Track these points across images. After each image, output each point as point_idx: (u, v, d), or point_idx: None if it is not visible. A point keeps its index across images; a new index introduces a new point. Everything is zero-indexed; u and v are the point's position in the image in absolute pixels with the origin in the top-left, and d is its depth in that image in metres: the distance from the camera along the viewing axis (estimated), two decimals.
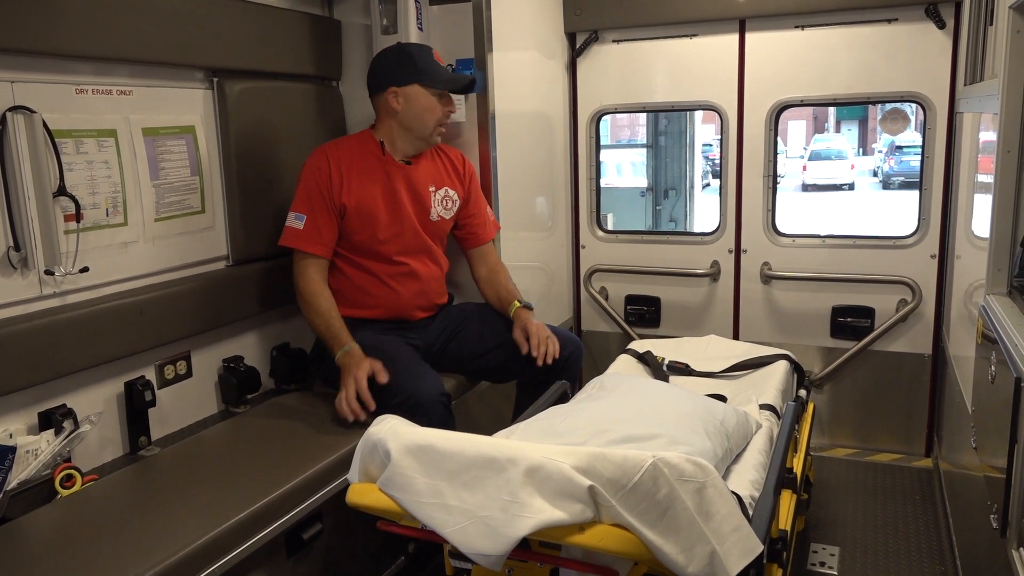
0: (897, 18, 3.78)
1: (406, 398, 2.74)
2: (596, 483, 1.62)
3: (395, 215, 3.09)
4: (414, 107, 3.04)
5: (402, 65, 3.04)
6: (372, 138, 3.15)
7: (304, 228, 2.99)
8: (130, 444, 2.77)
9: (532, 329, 3.10)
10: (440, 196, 3.21)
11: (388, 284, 3.13)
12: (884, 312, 4.02)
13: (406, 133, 3.10)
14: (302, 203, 3.01)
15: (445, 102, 3.09)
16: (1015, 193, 2.39)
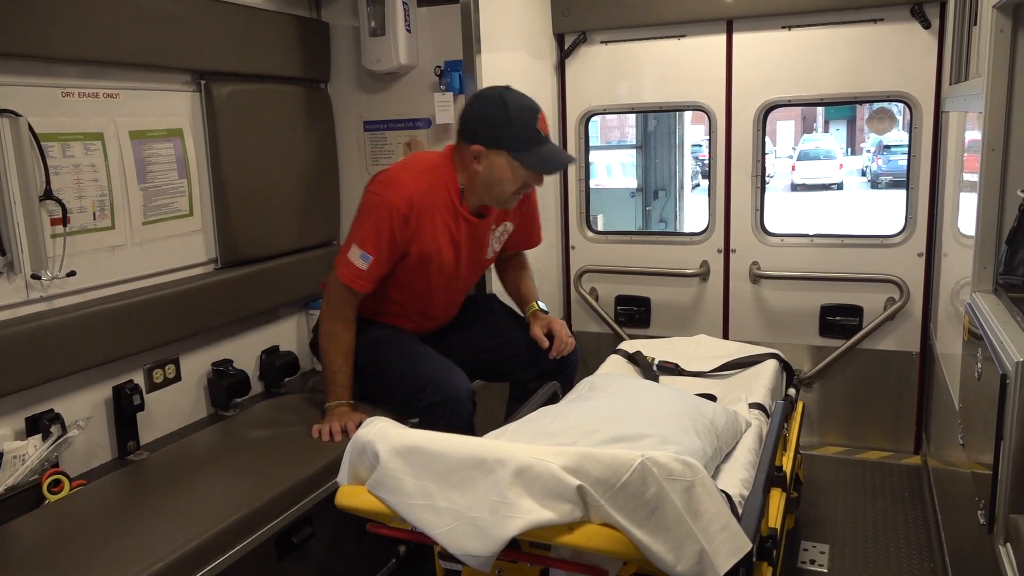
0: (883, 18, 3.80)
1: (438, 396, 2.73)
2: (585, 483, 1.63)
3: (453, 264, 2.90)
4: (496, 173, 2.73)
5: (497, 126, 2.69)
6: (454, 180, 2.80)
7: (368, 269, 2.74)
8: (118, 449, 2.76)
9: (556, 328, 3.08)
10: (499, 232, 3.04)
11: (424, 309, 3.02)
12: (872, 310, 4.04)
13: (483, 190, 2.80)
14: (370, 241, 2.72)
15: (532, 178, 2.78)
16: (999, 191, 2.40)
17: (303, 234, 3.60)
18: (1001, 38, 2.32)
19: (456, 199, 2.81)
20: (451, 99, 3.48)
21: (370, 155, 3.77)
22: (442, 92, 3.50)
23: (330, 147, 3.76)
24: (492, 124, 2.69)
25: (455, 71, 3.49)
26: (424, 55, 3.58)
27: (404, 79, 3.64)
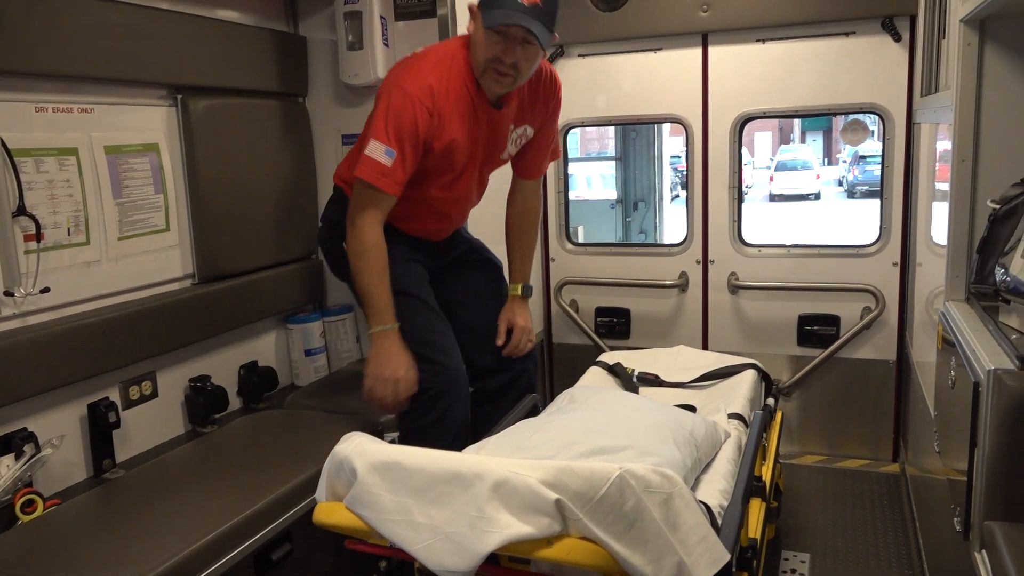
0: (855, 31, 3.85)
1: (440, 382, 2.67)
2: (563, 496, 1.63)
3: (469, 160, 2.71)
4: (475, 38, 2.55)
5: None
6: (470, 68, 2.60)
7: (392, 166, 2.48)
8: (94, 467, 2.72)
9: (519, 325, 2.96)
10: (517, 135, 2.84)
11: (432, 211, 2.79)
12: (849, 320, 4.08)
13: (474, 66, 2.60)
14: (393, 135, 2.48)
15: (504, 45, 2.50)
16: (970, 202, 2.44)
17: (281, 248, 3.58)
18: (969, 51, 2.36)
19: (473, 88, 2.62)
20: None
21: None
22: None
23: (308, 160, 3.75)
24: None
25: None
26: None
27: None
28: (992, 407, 1.77)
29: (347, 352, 3.84)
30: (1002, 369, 1.77)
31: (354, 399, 3.36)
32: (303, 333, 3.70)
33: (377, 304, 2.58)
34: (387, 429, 3.04)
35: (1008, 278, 2.03)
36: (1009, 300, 2.07)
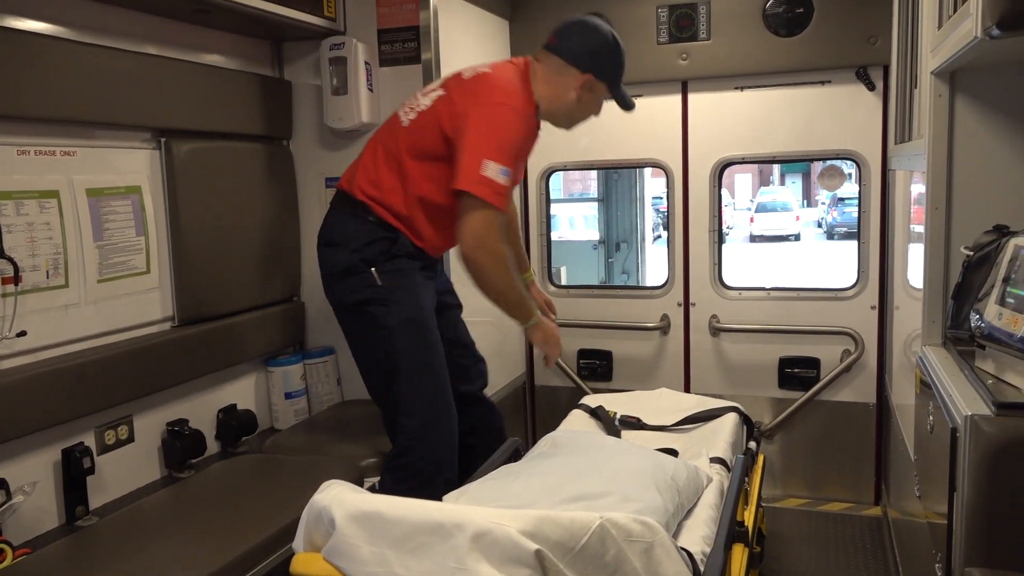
0: (830, 80, 3.95)
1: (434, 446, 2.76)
2: (543, 547, 1.61)
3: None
4: (592, 103, 2.84)
5: (615, 65, 2.83)
6: (532, 95, 2.77)
7: (507, 185, 2.57)
8: (66, 514, 2.66)
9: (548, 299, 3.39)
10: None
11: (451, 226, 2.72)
12: (829, 362, 4.11)
13: (562, 112, 2.83)
14: (507, 154, 2.56)
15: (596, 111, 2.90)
16: (945, 248, 2.48)
17: (264, 290, 3.57)
18: (940, 102, 2.42)
19: (535, 112, 2.78)
20: None
21: None
22: None
23: (291, 203, 3.76)
24: (611, 60, 2.81)
25: None
26: (386, 113, 3.60)
27: (366, 136, 3.65)
28: (970, 452, 1.78)
29: (328, 395, 3.80)
30: (979, 415, 1.78)
31: (335, 442, 3.34)
32: (283, 376, 3.67)
33: (524, 303, 2.78)
34: (367, 475, 3.01)
35: (983, 324, 2.06)
36: (984, 345, 2.09)
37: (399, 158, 2.74)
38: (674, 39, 4.08)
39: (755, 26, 3.94)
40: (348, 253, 2.76)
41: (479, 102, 2.63)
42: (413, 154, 2.73)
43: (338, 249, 2.79)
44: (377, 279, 2.73)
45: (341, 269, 2.78)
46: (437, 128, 2.68)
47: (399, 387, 2.77)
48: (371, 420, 3.54)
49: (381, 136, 2.89)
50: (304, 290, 3.85)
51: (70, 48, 2.68)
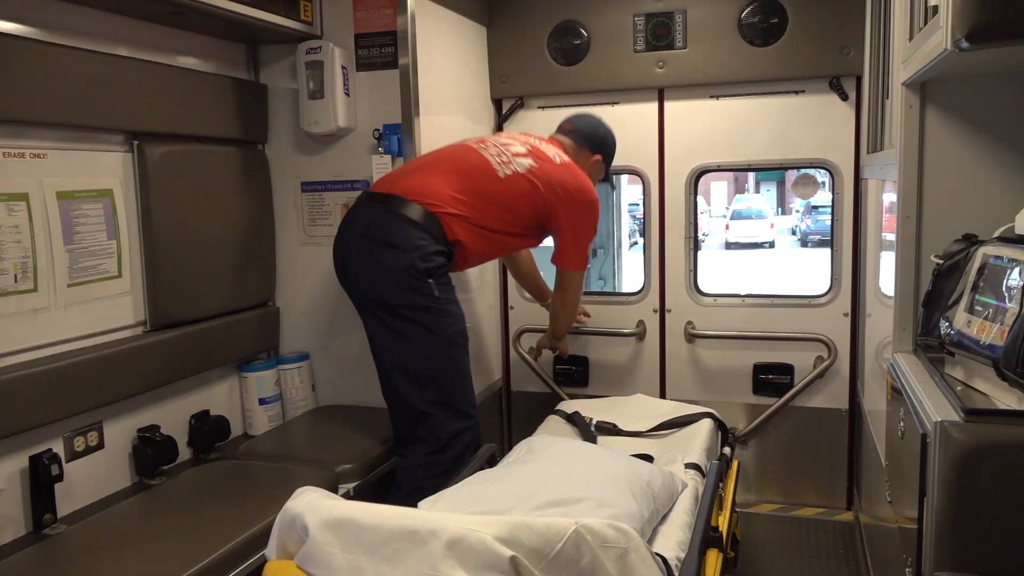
0: (804, 90, 3.99)
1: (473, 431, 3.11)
2: (518, 553, 1.61)
3: None
4: (593, 177, 3.50)
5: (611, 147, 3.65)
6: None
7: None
8: (34, 522, 2.61)
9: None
10: None
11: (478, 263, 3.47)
12: (803, 369, 4.14)
13: None
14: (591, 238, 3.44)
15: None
16: (915, 256, 2.52)
17: (238, 295, 3.54)
18: (911, 113, 2.46)
19: None
20: (389, 161, 3.51)
21: (307, 216, 3.76)
22: (380, 155, 3.53)
23: (266, 208, 3.74)
24: (612, 147, 3.65)
25: (394, 134, 3.53)
26: (363, 118, 3.61)
27: (342, 141, 3.66)
28: (939, 458, 1.80)
29: (302, 401, 3.78)
30: (948, 421, 1.81)
31: (310, 449, 3.31)
32: (257, 381, 3.63)
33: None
34: (342, 481, 2.99)
35: (952, 331, 2.09)
36: (954, 353, 2.12)
37: (485, 199, 3.09)
38: (651, 47, 4.10)
39: (731, 35, 3.98)
40: (411, 259, 2.91)
41: (576, 199, 3.24)
42: (500, 204, 3.12)
43: (400, 253, 2.92)
44: (434, 290, 2.95)
45: (400, 272, 2.92)
46: (529, 200, 3.16)
47: (439, 392, 3.01)
48: (346, 426, 3.53)
49: (462, 167, 3.15)
50: (279, 295, 3.82)
51: (41, 49, 2.64)
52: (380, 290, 2.96)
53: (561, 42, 4.24)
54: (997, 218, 2.17)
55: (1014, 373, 1.74)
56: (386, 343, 3.02)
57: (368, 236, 2.99)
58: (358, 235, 3.02)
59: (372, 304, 3.00)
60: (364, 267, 3.00)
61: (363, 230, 3.01)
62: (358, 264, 3.02)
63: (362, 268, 3.00)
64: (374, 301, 2.99)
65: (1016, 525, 1.76)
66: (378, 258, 2.95)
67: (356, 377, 3.77)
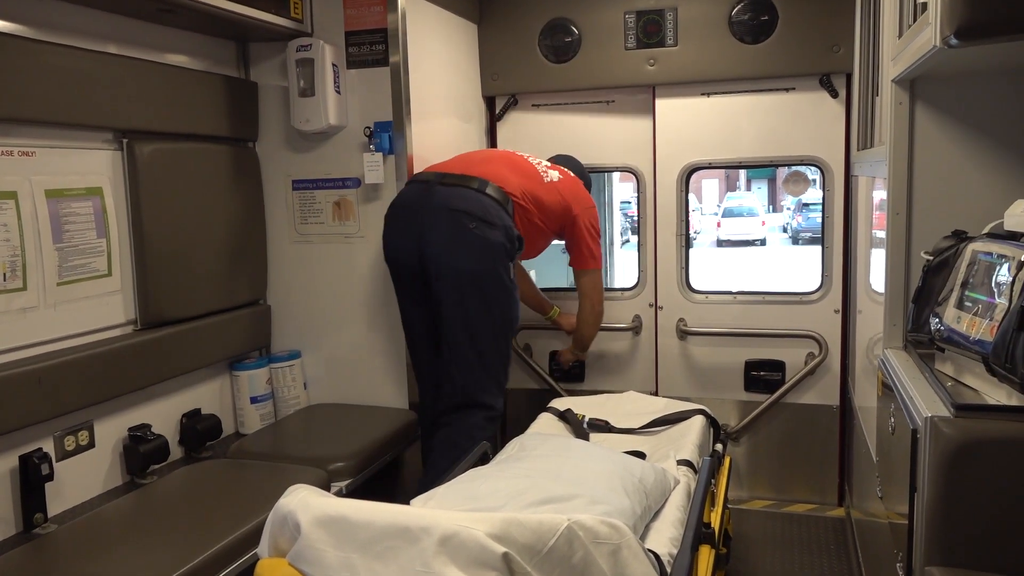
0: (794, 87, 4.00)
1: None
2: (511, 549, 1.60)
3: None
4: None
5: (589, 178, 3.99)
6: None
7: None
8: (24, 522, 2.60)
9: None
10: None
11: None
12: (794, 365, 4.16)
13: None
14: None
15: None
16: (905, 253, 2.53)
17: (229, 293, 3.52)
18: (900, 110, 2.47)
19: None
20: (380, 159, 3.50)
21: (298, 214, 3.75)
22: (371, 152, 3.52)
23: (257, 205, 3.72)
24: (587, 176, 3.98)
25: (385, 132, 3.52)
26: (353, 116, 3.60)
27: (333, 139, 3.65)
28: (930, 454, 1.81)
29: (294, 399, 3.77)
30: (938, 416, 1.81)
31: (302, 447, 3.30)
32: (249, 380, 3.62)
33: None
34: (335, 479, 2.98)
35: (942, 327, 2.10)
36: (944, 348, 2.13)
37: (536, 200, 3.41)
38: (642, 45, 4.11)
39: (721, 33, 3.99)
40: (503, 238, 3.18)
41: (588, 205, 3.69)
42: (543, 207, 3.44)
43: (495, 230, 3.17)
44: (511, 269, 3.27)
45: (496, 247, 3.17)
46: (560, 207, 3.53)
47: (501, 345, 3.35)
48: (338, 424, 3.52)
49: (520, 167, 3.49)
50: (270, 293, 3.81)
51: (30, 47, 2.62)
52: (472, 262, 3.14)
53: (552, 39, 4.24)
54: (986, 214, 2.18)
55: (1003, 368, 1.74)
56: (460, 313, 3.17)
57: (461, 210, 3.12)
58: (447, 208, 3.14)
59: (458, 274, 3.15)
60: (456, 238, 3.13)
61: (453, 204, 3.13)
62: (447, 235, 3.13)
63: (453, 239, 3.13)
64: (462, 272, 3.14)
65: (1006, 520, 1.77)
66: (475, 231, 3.12)
67: (348, 375, 3.76)
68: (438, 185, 3.22)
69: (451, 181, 3.22)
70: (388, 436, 3.36)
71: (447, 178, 3.24)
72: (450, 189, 3.19)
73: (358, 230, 3.66)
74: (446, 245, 3.14)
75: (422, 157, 3.64)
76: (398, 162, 3.53)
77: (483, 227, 3.13)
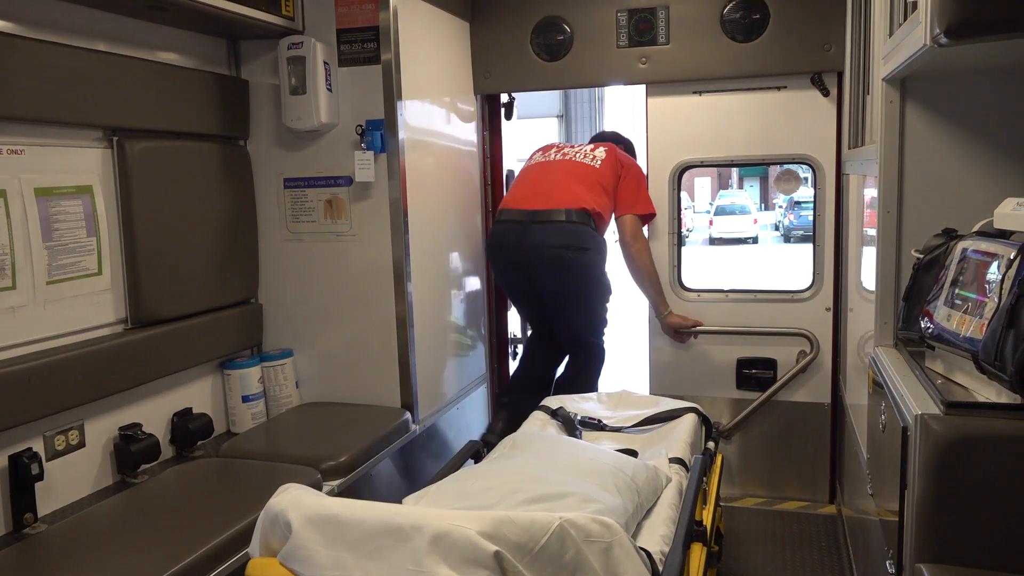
0: (786, 86, 4.02)
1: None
2: (502, 548, 1.61)
3: None
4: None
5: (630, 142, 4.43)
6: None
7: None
8: (13, 522, 2.58)
9: None
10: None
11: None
12: (786, 363, 4.17)
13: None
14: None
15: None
16: (896, 251, 2.54)
17: (220, 292, 3.51)
18: (891, 108, 2.48)
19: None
20: (371, 158, 3.49)
21: (290, 212, 3.73)
22: (363, 151, 3.51)
23: (248, 204, 3.71)
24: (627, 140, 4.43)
25: (376, 130, 3.51)
26: (345, 114, 3.59)
27: (325, 137, 3.64)
28: (920, 451, 1.82)
29: (286, 398, 3.76)
30: (928, 414, 1.82)
31: (294, 446, 3.30)
32: (240, 379, 3.61)
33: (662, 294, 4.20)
34: (327, 478, 2.97)
35: (932, 325, 2.11)
36: (934, 346, 2.14)
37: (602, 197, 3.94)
38: (634, 43, 4.11)
39: (713, 31, 4.00)
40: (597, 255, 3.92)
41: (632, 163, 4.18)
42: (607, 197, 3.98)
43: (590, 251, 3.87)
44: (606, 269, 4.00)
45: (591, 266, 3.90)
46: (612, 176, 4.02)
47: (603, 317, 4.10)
48: (330, 423, 3.52)
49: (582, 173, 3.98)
50: (262, 292, 3.80)
51: (18, 44, 2.61)
52: (578, 284, 3.88)
53: (544, 37, 4.24)
54: (976, 213, 2.19)
55: (993, 366, 1.75)
56: (574, 316, 4.03)
57: (559, 246, 3.81)
58: (547, 246, 3.82)
59: (568, 295, 3.91)
60: (561, 270, 3.85)
61: (551, 242, 3.82)
62: (553, 270, 3.85)
63: (559, 271, 3.85)
64: (571, 293, 3.90)
65: (995, 517, 1.78)
66: (575, 259, 3.84)
67: (340, 374, 3.75)
68: (533, 224, 3.85)
69: (542, 218, 3.84)
70: (380, 435, 3.35)
71: (537, 215, 3.85)
72: (544, 227, 3.82)
73: (350, 228, 3.65)
74: (554, 277, 3.86)
75: (415, 155, 3.63)
76: (390, 160, 3.52)
77: (579, 253, 3.82)
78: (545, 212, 3.84)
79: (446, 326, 4.13)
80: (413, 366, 3.63)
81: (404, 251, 3.55)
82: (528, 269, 3.89)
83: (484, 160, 4.56)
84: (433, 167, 3.94)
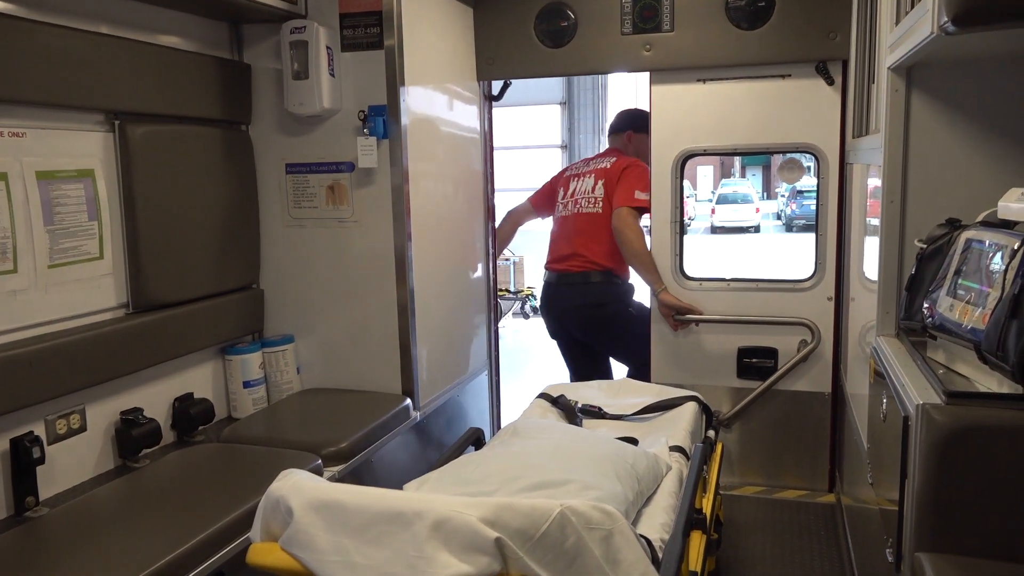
0: (790, 74, 3.99)
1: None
2: (503, 534, 1.61)
3: None
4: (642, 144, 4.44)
5: (640, 119, 4.50)
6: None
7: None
8: (15, 505, 2.59)
9: None
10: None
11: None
12: (787, 352, 4.17)
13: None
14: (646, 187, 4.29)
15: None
16: (899, 240, 2.53)
17: (221, 277, 3.51)
18: (896, 97, 2.47)
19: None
20: (374, 143, 3.48)
21: (292, 198, 3.73)
22: (365, 136, 3.50)
23: (250, 189, 3.70)
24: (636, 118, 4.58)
25: (379, 116, 3.49)
26: (348, 99, 3.58)
27: (327, 122, 3.62)
28: (920, 440, 1.82)
29: (287, 384, 3.76)
30: (930, 404, 1.82)
31: (295, 432, 3.30)
32: (242, 364, 3.61)
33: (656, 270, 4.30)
34: (328, 464, 2.98)
35: (935, 315, 2.10)
36: (936, 336, 2.14)
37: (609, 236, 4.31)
38: (638, 30, 4.09)
39: (718, 19, 3.97)
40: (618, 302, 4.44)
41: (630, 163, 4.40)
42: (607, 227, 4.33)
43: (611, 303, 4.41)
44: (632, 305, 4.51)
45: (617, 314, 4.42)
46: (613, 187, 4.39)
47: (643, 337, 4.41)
48: (331, 409, 3.53)
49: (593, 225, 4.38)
50: (263, 277, 3.80)
51: (20, 26, 2.59)
52: (608, 332, 4.43)
53: (548, 24, 4.21)
54: (980, 203, 2.18)
55: (995, 357, 1.75)
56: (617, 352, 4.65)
57: (584, 304, 4.38)
58: (574, 307, 4.42)
59: (603, 340, 4.48)
60: (590, 324, 4.42)
61: (576, 302, 4.40)
62: (584, 324, 4.43)
63: (589, 325, 4.42)
64: (604, 340, 4.47)
65: (996, 507, 1.78)
66: (599, 312, 4.39)
67: (342, 360, 3.76)
68: (560, 287, 4.45)
69: (566, 282, 4.41)
70: (382, 421, 3.36)
71: (563, 279, 4.42)
72: (569, 289, 4.40)
73: (352, 214, 3.64)
74: (586, 330, 4.45)
75: (416, 143, 3.62)
76: (392, 147, 3.51)
77: (599, 309, 4.35)
78: (567, 275, 4.39)
79: (447, 313, 4.13)
80: (414, 352, 3.63)
81: (406, 237, 3.54)
82: (567, 323, 4.51)
83: (487, 146, 4.54)
84: (436, 153, 3.93)
